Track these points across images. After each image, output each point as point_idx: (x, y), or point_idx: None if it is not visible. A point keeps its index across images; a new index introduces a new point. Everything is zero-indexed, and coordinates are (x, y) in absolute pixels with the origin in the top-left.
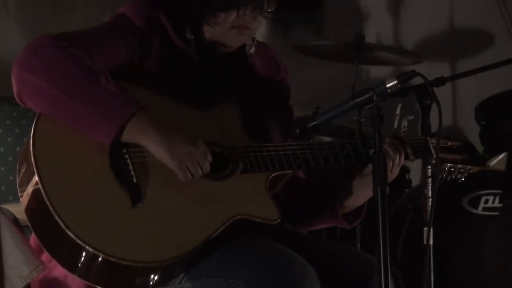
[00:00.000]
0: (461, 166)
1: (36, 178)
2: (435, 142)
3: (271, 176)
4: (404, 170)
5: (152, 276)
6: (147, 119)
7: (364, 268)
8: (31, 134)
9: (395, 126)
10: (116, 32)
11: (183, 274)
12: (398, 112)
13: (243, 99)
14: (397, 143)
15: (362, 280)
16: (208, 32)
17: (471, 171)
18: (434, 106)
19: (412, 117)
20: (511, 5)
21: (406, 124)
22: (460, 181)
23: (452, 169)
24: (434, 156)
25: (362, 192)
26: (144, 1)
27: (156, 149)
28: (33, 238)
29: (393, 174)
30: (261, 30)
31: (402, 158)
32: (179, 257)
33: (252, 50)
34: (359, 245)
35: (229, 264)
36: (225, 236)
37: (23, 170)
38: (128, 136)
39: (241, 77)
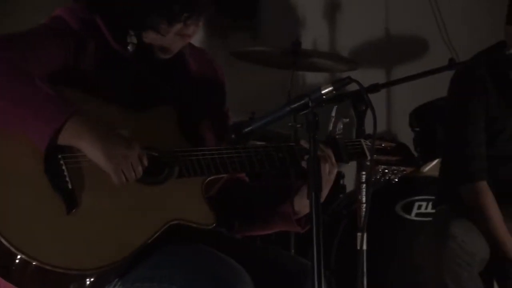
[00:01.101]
0: (395, 167)
1: None
2: (369, 144)
3: (207, 180)
4: (339, 176)
5: (87, 283)
6: (82, 122)
7: (298, 272)
8: None
9: (330, 129)
10: (51, 34)
11: (117, 279)
12: (333, 114)
13: (180, 102)
14: (331, 145)
15: (296, 284)
16: (149, 36)
17: (405, 172)
18: (369, 112)
19: (347, 120)
20: (445, 13)
21: (341, 126)
22: (393, 182)
23: (386, 170)
24: (369, 158)
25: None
26: (80, 4)
27: (91, 152)
28: None
29: (331, 176)
30: (198, 37)
31: (333, 160)
32: (115, 263)
33: (187, 50)
34: (293, 250)
35: (163, 269)
36: (161, 241)
37: None
38: (64, 139)
39: (178, 80)
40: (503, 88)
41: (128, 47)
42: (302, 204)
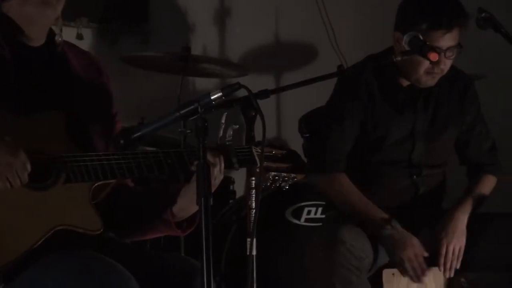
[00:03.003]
0: (285, 174)
1: None
2: (259, 150)
3: (95, 186)
4: (229, 181)
5: None
6: None
7: (188, 273)
8: None
9: (221, 135)
10: None
11: (2, 285)
12: (223, 121)
13: (67, 106)
14: (220, 151)
15: (185, 286)
16: (9, 5)
17: (295, 179)
18: (258, 118)
19: (237, 126)
20: (334, 19)
21: (232, 133)
22: (284, 189)
23: (277, 177)
24: (259, 164)
25: (193, 200)
26: None
27: None
28: None
29: (216, 181)
30: (87, 41)
31: (223, 165)
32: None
33: (60, 38)
34: (183, 255)
35: (50, 275)
36: (47, 246)
37: None
38: None
39: (63, 83)
40: (390, 94)
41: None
42: (182, 207)
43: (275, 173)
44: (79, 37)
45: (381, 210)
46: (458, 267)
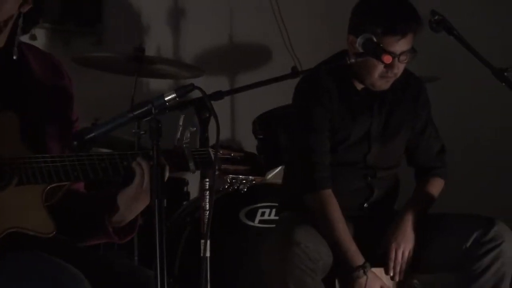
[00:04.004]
0: (242, 177)
1: None
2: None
3: (48, 188)
4: (182, 183)
5: None
6: None
7: (141, 280)
8: None
9: (178, 137)
10: None
11: None
12: (181, 123)
13: (23, 108)
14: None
15: None
16: None
17: (254, 181)
18: (213, 119)
19: (195, 128)
20: (288, 21)
21: (189, 135)
22: (242, 192)
23: (234, 180)
24: (215, 166)
25: (130, 206)
26: None
27: None
28: None
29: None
30: (40, 41)
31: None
32: None
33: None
34: (136, 258)
35: (1, 279)
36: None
37: None
38: None
39: (20, 84)
40: (346, 97)
41: None
42: (119, 214)
43: (233, 175)
44: (33, 37)
45: (358, 251)
46: (405, 269)
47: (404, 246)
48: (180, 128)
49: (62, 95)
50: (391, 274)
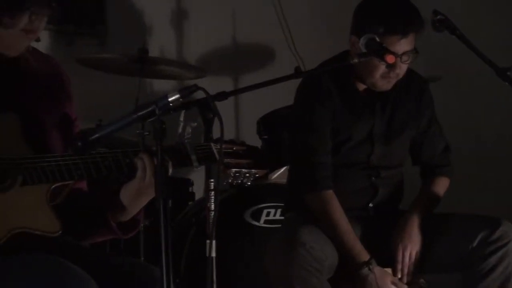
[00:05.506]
0: (246, 170)
1: None
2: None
3: (53, 188)
4: (188, 183)
5: None
6: None
7: (147, 280)
8: None
9: (179, 133)
10: None
11: None
12: (181, 119)
13: (24, 109)
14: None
15: None
16: None
17: (257, 175)
18: (217, 120)
19: (196, 124)
20: (292, 21)
21: (190, 131)
22: (246, 186)
23: (237, 174)
24: (218, 161)
25: (134, 200)
26: None
27: None
28: None
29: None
30: (43, 43)
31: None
32: None
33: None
34: (142, 258)
35: (7, 278)
36: (5, 249)
37: None
38: None
39: (22, 85)
40: (348, 98)
41: None
42: (126, 206)
43: (236, 169)
44: (37, 39)
45: (363, 248)
46: (413, 270)
47: (410, 247)
48: (181, 123)
49: (62, 95)
50: (399, 276)
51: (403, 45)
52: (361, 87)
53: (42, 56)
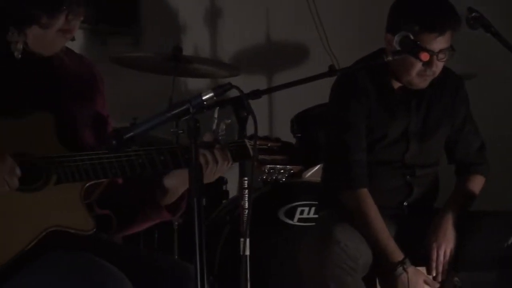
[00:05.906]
0: (280, 166)
1: None
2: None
3: (86, 185)
4: (221, 182)
5: None
6: None
7: (181, 276)
8: None
9: (213, 129)
10: None
11: None
12: (216, 115)
13: (57, 107)
14: (218, 148)
15: None
16: (32, 34)
17: (292, 171)
18: (250, 118)
19: (230, 121)
20: (325, 19)
21: (224, 127)
22: (281, 182)
23: (272, 170)
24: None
25: (180, 179)
26: None
27: None
28: None
29: (215, 175)
30: (78, 43)
31: (222, 162)
32: None
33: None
34: (176, 255)
35: (42, 277)
36: (40, 248)
37: None
38: None
39: (56, 85)
40: (384, 95)
41: (15, 53)
42: (169, 188)
43: (270, 166)
44: (72, 38)
45: (397, 247)
46: (447, 269)
47: (445, 245)
48: (216, 120)
49: (95, 94)
50: (434, 274)
51: (440, 42)
52: (396, 85)
53: (75, 56)
